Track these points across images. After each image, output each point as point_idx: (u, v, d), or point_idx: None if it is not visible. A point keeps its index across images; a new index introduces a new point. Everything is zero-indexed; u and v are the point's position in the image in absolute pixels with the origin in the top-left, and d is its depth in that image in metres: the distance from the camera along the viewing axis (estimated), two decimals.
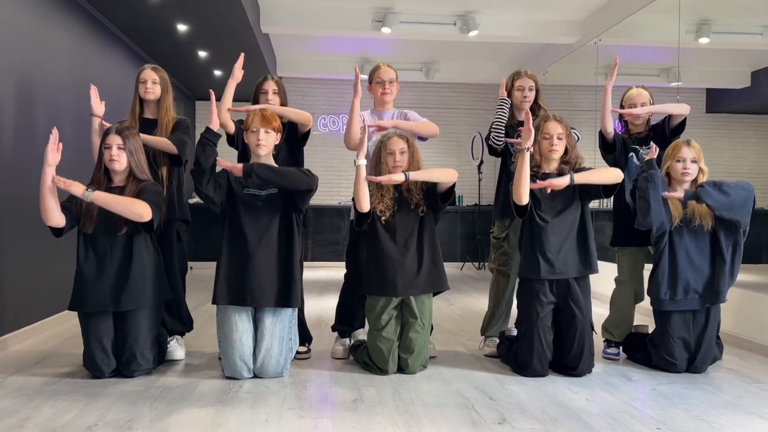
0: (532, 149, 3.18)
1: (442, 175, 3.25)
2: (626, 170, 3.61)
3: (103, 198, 3.03)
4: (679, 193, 3.27)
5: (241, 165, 3.11)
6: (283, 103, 3.62)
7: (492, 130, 3.64)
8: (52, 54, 4.40)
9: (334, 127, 9.59)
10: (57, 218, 3.04)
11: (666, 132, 3.65)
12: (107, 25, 5.45)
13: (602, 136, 3.69)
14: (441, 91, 9.65)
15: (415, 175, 3.22)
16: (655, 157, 3.30)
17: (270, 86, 3.56)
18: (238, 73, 3.43)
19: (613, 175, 3.21)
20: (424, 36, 7.02)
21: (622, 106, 3.75)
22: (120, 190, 3.16)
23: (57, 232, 3.11)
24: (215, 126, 3.17)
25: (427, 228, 3.34)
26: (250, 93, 3.64)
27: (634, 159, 3.64)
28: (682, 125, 3.63)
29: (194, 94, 8.99)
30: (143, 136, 3.35)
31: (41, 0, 4.22)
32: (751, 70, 7.29)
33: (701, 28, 5.85)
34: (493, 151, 3.70)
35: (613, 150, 3.67)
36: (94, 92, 3.49)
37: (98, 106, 3.47)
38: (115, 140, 3.14)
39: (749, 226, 3.34)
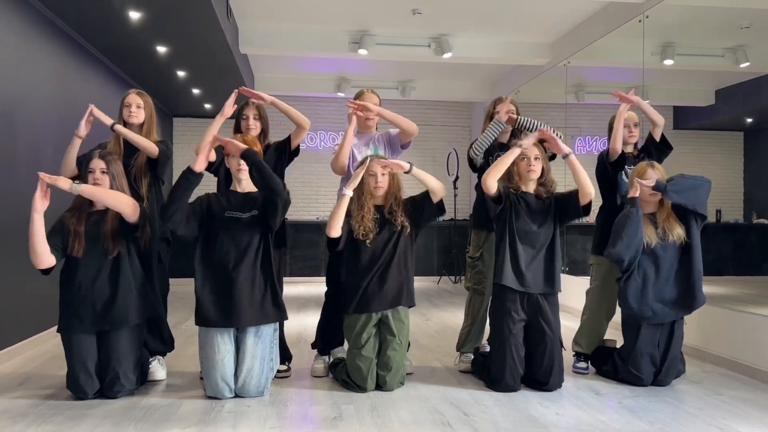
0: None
1: (437, 185, 3.39)
2: (618, 187, 3.84)
3: (90, 190, 3.12)
4: (651, 181, 3.44)
5: (242, 146, 3.20)
6: (264, 128, 3.72)
7: (477, 142, 3.74)
8: (33, 76, 4.45)
9: (312, 143, 9.70)
10: (47, 260, 3.10)
11: (653, 147, 3.84)
12: (87, 47, 5.51)
13: (606, 156, 3.85)
14: (417, 109, 9.81)
15: (417, 172, 3.34)
16: (637, 195, 3.47)
17: (251, 111, 3.67)
18: (228, 110, 3.48)
19: (590, 185, 3.36)
20: (399, 57, 7.18)
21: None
22: (100, 215, 3.23)
23: (46, 272, 3.16)
24: (199, 168, 3.21)
25: (408, 250, 3.47)
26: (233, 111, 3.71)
27: (624, 176, 3.85)
28: (664, 138, 3.83)
29: (172, 112, 9.05)
30: (127, 132, 3.46)
31: (23, 23, 4.29)
32: (715, 88, 7.58)
33: (666, 50, 6.09)
34: (470, 163, 3.82)
35: (622, 166, 3.82)
36: (91, 112, 3.50)
37: (83, 129, 3.50)
38: (98, 165, 3.21)
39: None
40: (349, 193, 3.32)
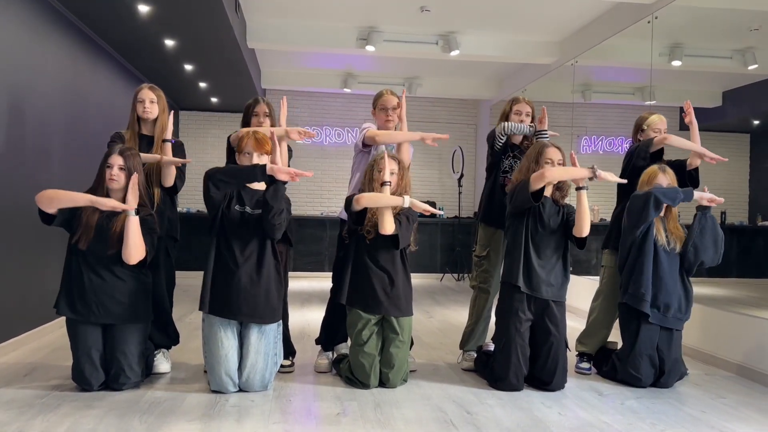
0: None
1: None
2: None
3: (133, 225, 3.14)
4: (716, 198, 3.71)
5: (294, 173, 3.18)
6: (273, 125, 3.74)
7: (503, 132, 3.76)
8: (43, 68, 4.47)
9: (317, 139, 9.70)
10: (52, 210, 3.13)
11: (683, 175, 3.92)
12: (97, 40, 5.52)
13: (636, 150, 3.86)
14: (423, 106, 9.81)
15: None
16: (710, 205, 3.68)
17: (261, 109, 3.70)
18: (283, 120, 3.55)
19: (587, 225, 3.37)
20: (407, 54, 7.18)
21: (642, 129, 3.93)
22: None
23: (48, 218, 3.15)
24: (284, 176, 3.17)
25: (405, 254, 3.49)
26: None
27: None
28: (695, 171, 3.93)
29: (179, 105, 9.06)
30: (164, 158, 3.50)
31: (34, 16, 4.30)
32: (722, 90, 7.55)
33: (674, 51, 6.08)
34: (493, 145, 3.85)
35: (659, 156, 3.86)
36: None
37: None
38: (116, 160, 3.22)
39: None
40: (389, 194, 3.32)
